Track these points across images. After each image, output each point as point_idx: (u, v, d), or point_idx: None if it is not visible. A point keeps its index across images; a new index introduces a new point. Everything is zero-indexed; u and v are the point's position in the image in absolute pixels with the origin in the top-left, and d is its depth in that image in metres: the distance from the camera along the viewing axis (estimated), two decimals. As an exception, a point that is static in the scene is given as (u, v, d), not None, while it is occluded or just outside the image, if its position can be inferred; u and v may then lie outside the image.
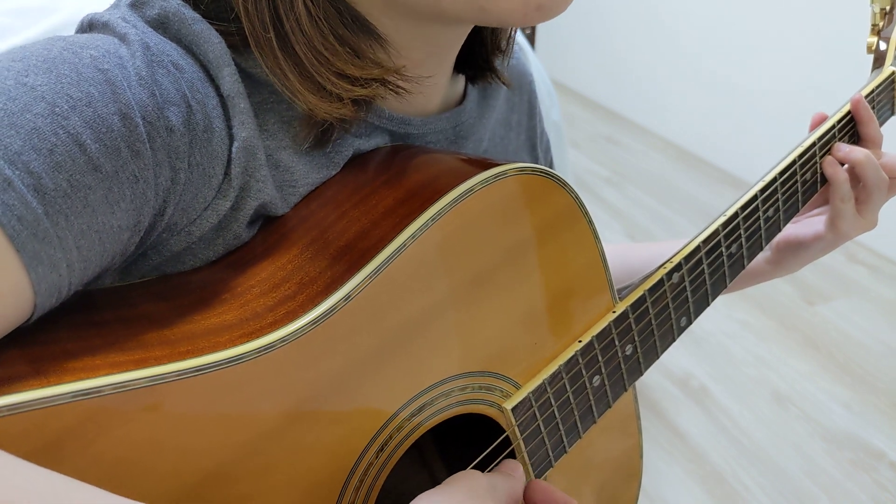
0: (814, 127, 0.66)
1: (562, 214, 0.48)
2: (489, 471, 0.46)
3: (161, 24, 0.41)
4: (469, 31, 0.49)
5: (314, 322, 0.38)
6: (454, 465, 0.55)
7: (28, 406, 0.31)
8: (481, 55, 0.55)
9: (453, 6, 0.41)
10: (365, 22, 0.44)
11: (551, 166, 0.69)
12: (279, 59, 0.42)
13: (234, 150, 0.41)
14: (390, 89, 0.45)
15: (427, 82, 0.48)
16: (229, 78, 0.41)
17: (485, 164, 0.45)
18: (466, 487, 0.41)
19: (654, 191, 2.77)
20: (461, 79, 0.56)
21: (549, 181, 0.47)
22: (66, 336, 0.36)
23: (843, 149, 0.65)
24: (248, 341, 0.37)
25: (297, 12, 0.41)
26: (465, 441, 0.52)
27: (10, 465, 0.29)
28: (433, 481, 0.57)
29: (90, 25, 0.41)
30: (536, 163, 0.65)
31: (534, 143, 0.65)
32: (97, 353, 0.35)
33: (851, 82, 0.68)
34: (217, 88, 0.41)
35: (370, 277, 0.40)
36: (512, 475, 0.46)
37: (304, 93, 0.42)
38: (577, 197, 0.49)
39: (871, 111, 0.66)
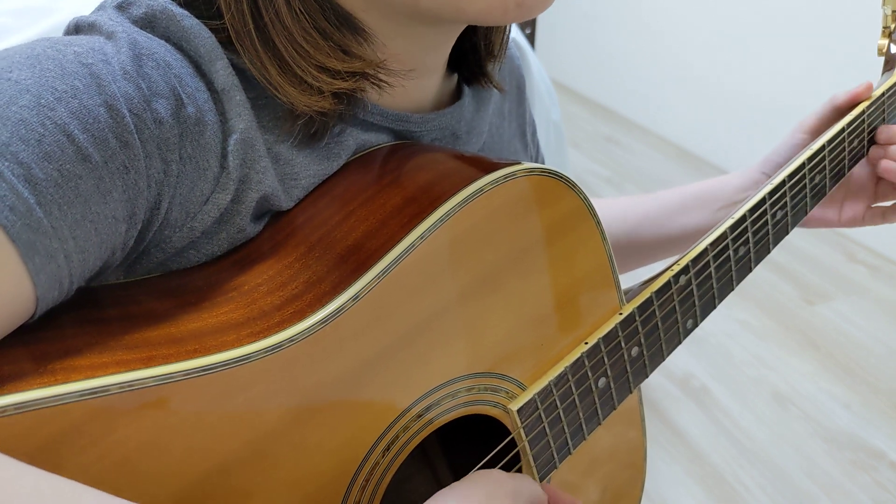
0: (847, 99, 0.67)
1: (570, 215, 0.48)
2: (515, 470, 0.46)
3: (149, 23, 0.41)
4: (458, 33, 0.49)
5: (322, 322, 0.38)
6: (459, 466, 0.55)
7: (35, 405, 0.31)
8: (474, 60, 0.54)
9: (431, 4, 0.41)
10: (347, 16, 0.44)
11: (538, 149, 0.69)
12: (259, 52, 0.42)
13: (231, 142, 0.41)
14: (372, 83, 0.45)
15: (412, 76, 0.48)
16: (223, 71, 0.41)
17: (493, 165, 0.45)
18: (486, 488, 0.41)
19: (654, 190, 2.76)
20: (454, 75, 0.56)
21: (559, 182, 0.47)
22: (72, 333, 0.36)
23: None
24: (255, 340, 0.37)
25: (276, 4, 0.41)
26: (471, 442, 0.52)
27: (12, 470, 0.29)
28: (437, 482, 0.57)
29: (76, 28, 0.42)
30: (527, 148, 0.65)
31: (523, 129, 0.65)
32: (104, 350, 0.35)
33: (854, 83, 0.68)
34: (209, 83, 0.41)
35: (378, 278, 0.40)
36: (537, 485, 0.46)
37: (284, 85, 0.42)
38: (586, 198, 0.48)
39: None
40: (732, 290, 0.60)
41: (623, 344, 0.52)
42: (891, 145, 0.67)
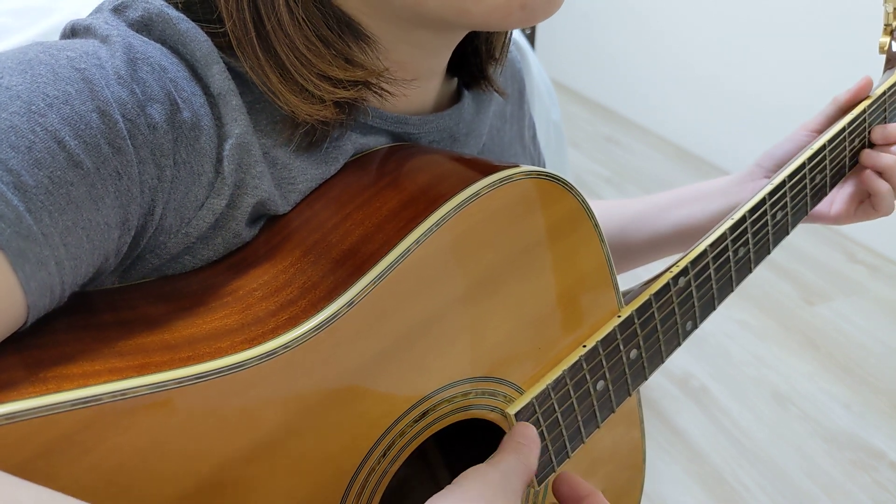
0: (853, 93, 0.67)
1: (568, 218, 0.48)
2: (499, 447, 0.44)
3: (145, 26, 0.40)
4: (460, 38, 0.49)
5: (317, 328, 0.38)
6: (458, 470, 0.55)
7: (25, 415, 0.31)
8: (475, 64, 0.54)
9: (435, 8, 0.41)
10: (350, 22, 0.43)
11: (538, 151, 0.69)
12: (260, 60, 0.41)
13: (226, 147, 0.40)
14: (374, 92, 0.45)
15: (414, 84, 0.48)
16: (219, 76, 0.41)
17: (490, 167, 0.45)
18: (478, 487, 0.41)
19: (654, 191, 2.74)
20: (454, 78, 0.55)
21: (556, 185, 0.46)
22: (65, 339, 0.35)
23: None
24: (249, 347, 0.37)
25: (278, 12, 0.40)
26: (469, 445, 0.52)
27: None
28: (437, 486, 0.57)
29: (73, 31, 0.41)
30: (525, 151, 0.65)
31: (522, 132, 0.65)
32: (97, 357, 0.34)
33: (853, 82, 0.67)
34: (205, 87, 0.40)
35: (374, 283, 0.40)
36: (520, 450, 0.44)
37: (286, 93, 0.42)
38: (584, 200, 0.48)
39: None
40: (732, 291, 0.59)
41: (621, 347, 0.52)
42: (889, 145, 0.67)
